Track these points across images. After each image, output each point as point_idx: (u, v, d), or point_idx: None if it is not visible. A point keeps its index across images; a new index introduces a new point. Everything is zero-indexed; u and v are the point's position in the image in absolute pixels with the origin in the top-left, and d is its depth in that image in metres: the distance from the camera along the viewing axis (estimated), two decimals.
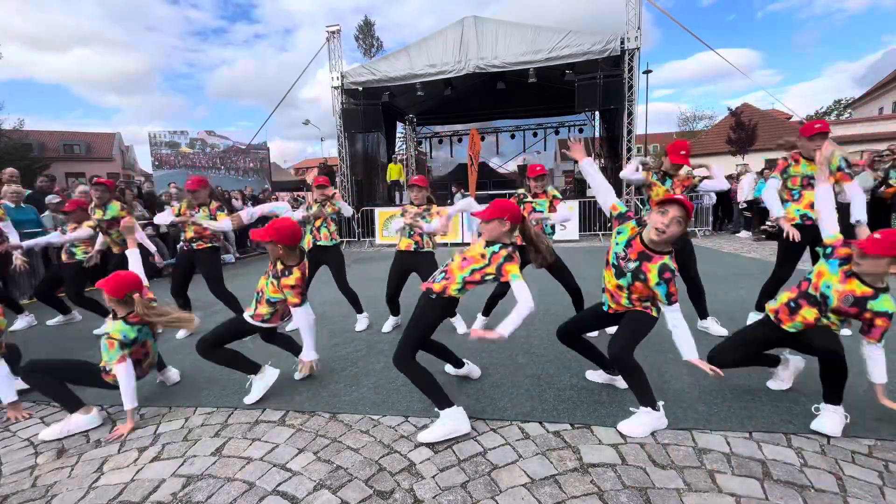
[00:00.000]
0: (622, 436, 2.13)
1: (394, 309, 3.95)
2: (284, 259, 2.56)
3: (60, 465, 2.12)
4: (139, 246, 3.11)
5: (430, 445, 2.11)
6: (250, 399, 2.63)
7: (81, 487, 1.94)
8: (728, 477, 1.81)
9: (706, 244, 8.95)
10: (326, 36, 11.80)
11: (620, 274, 2.22)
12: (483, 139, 16.12)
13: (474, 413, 2.38)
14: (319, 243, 4.00)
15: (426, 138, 18.87)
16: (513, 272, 2.11)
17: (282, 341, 2.95)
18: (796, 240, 3.09)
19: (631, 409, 2.24)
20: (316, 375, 2.92)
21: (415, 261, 3.70)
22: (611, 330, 2.75)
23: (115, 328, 2.41)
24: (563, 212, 3.56)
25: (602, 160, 14.49)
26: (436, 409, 2.23)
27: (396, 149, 16.77)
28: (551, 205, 3.59)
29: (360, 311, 4.12)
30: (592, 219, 10.41)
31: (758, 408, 2.32)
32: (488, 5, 73.59)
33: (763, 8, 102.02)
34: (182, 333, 4.04)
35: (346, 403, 2.59)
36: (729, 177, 12.50)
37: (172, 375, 2.97)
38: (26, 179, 7.93)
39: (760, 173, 10.82)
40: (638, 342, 2.24)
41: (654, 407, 2.15)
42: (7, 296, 4.61)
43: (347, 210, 4.14)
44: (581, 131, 17.00)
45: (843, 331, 2.22)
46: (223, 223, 3.88)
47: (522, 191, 3.68)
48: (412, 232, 3.66)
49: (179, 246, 4.05)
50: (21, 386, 2.83)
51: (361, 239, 11.50)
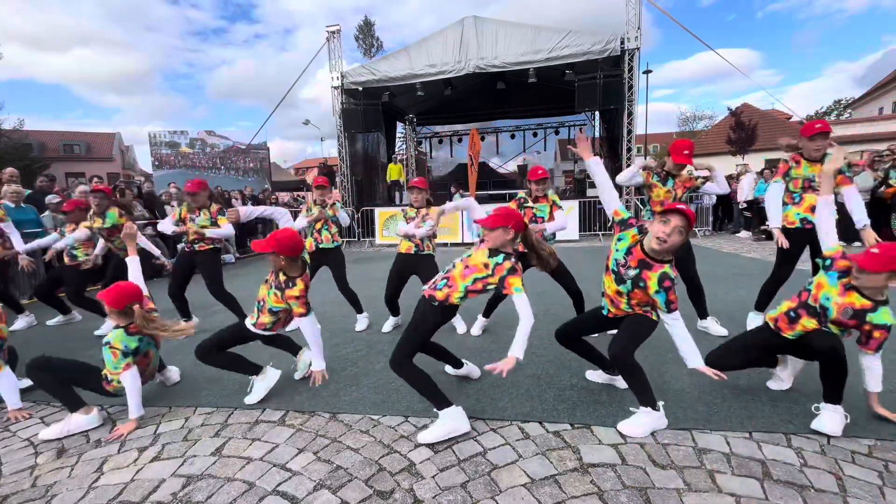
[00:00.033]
0: (622, 436, 2.13)
1: (393, 310, 3.95)
2: (287, 270, 2.52)
3: (60, 465, 2.12)
4: (141, 251, 3.12)
5: (430, 445, 2.11)
6: (251, 399, 2.63)
7: (81, 487, 1.94)
8: (728, 477, 1.81)
9: (706, 244, 8.95)
10: (326, 36, 11.81)
11: (620, 280, 2.22)
12: (483, 139, 16.12)
13: (474, 413, 2.38)
14: (322, 246, 4.01)
15: (426, 138, 18.87)
16: (515, 285, 2.10)
17: (282, 343, 2.95)
18: (785, 246, 3.15)
19: (631, 409, 2.24)
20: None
21: (415, 263, 3.70)
22: (611, 332, 2.75)
23: (116, 337, 2.40)
24: (559, 220, 3.56)
25: (602, 160, 14.49)
26: (434, 410, 2.23)
27: (396, 149, 16.77)
28: (551, 211, 3.60)
29: (360, 312, 4.12)
30: (592, 219, 10.41)
31: (758, 408, 2.32)
32: (488, 5, 73.74)
33: (763, 8, 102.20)
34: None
35: (346, 403, 2.59)
36: (729, 177, 12.50)
37: (172, 375, 2.97)
38: (26, 179, 7.93)
39: (760, 173, 10.83)
40: (638, 344, 2.24)
41: (654, 407, 2.15)
42: (8, 295, 4.61)
43: (345, 219, 4.09)
44: (581, 131, 17.02)
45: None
46: (225, 229, 3.89)
47: (523, 194, 3.66)
48: (412, 239, 3.67)
49: (181, 246, 4.04)
50: (24, 385, 2.84)
51: (361, 239, 11.50)
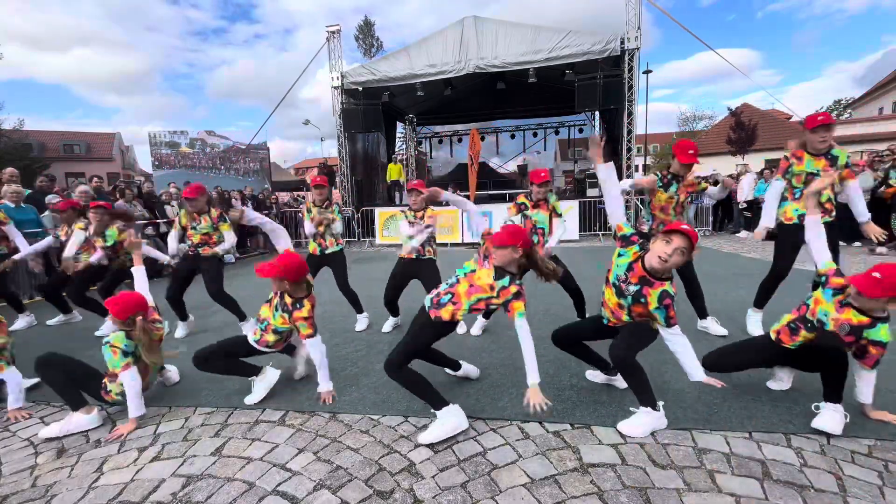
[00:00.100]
0: (622, 436, 2.13)
1: (393, 311, 3.95)
2: (292, 292, 2.56)
3: (60, 465, 2.12)
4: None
5: (430, 445, 2.11)
6: (251, 399, 2.63)
7: (81, 487, 1.94)
8: (728, 477, 1.81)
9: (706, 244, 8.95)
10: (326, 36, 11.81)
11: (621, 294, 2.24)
12: (483, 139, 16.12)
13: (474, 413, 2.38)
14: (328, 251, 4.02)
15: (426, 138, 18.88)
16: (519, 309, 2.14)
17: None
18: (758, 239, 3.25)
19: (631, 409, 2.24)
20: (316, 375, 2.92)
21: (416, 268, 3.70)
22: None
23: (116, 338, 2.42)
24: (557, 233, 3.62)
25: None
26: (432, 411, 2.23)
27: (396, 149, 16.78)
28: (550, 219, 3.60)
29: (361, 312, 4.13)
30: (592, 219, 10.40)
31: (758, 408, 2.32)
32: (488, 5, 73.75)
33: (763, 8, 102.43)
34: (181, 333, 4.06)
35: (346, 403, 2.59)
36: (728, 176, 12.52)
37: (172, 375, 2.97)
38: (26, 179, 7.93)
39: (760, 173, 10.83)
40: (639, 349, 2.23)
41: (654, 407, 2.15)
42: (10, 294, 4.63)
43: (338, 228, 4.05)
44: (581, 131, 17.00)
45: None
46: (228, 238, 3.89)
47: (523, 199, 3.64)
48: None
49: (182, 246, 4.04)
50: (28, 383, 2.84)
51: (361, 239, 11.50)
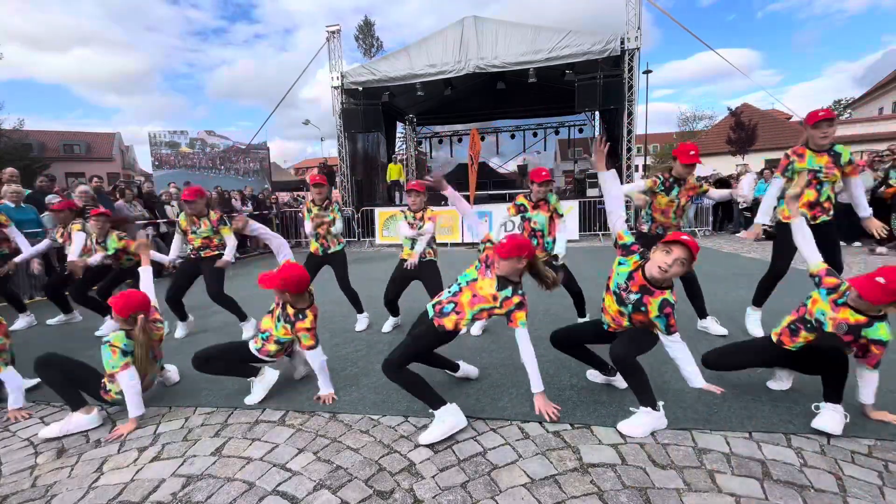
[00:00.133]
0: (622, 436, 2.13)
1: (393, 311, 3.95)
2: (294, 303, 2.57)
3: (60, 465, 2.12)
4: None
5: (430, 445, 2.11)
6: (251, 400, 2.63)
7: (81, 487, 1.94)
8: (728, 477, 1.81)
9: (706, 244, 8.94)
10: (326, 36, 11.81)
11: (621, 302, 2.25)
12: (483, 139, 16.11)
13: (474, 413, 2.38)
14: (330, 251, 4.02)
15: (426, 138, 18.87)
16: (521, 319, 2.19)
17: None
18: (749, 239, 3.22)
19: (631, 409, 2.24)
20: (316, 375, 2.92)
21: (418, 270, 3.71)
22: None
23: (116, 337, 2.42)
24: (563, 239, 3.65)
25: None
26: (430, 411, 2.24)
27: (396, 149, 16.77)
28: (551, 219, 3.60)
29: (361, 311, 4.13)
30: (592, 219, 10.39)
31: (758, 408, 2.32)
32: (488, 5, 73.88)
33: (763, 8, 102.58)
34: (181, 333, 4.06)
35: (346, 403, 2.59)
36: (729, 177, 12.51)
37: (172, 375, 2.97)
38: (26, 179, 7.93)
39: (760, 173, 10.82)
40: (639, 352, 2.23)
41: (654, 407, 2.15)
42: (11, 294, 4.64)
43: (338, 226, 4.04)
44: (581, 131, 17.00)
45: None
46: (230, 243, 3.88)
47: (523, 200, 3.63)
48: (414, 246, 3.68)
49: (184, 246, 4.05)
50: (28, 383, 2.84)
51: (361, 239, 11.50)
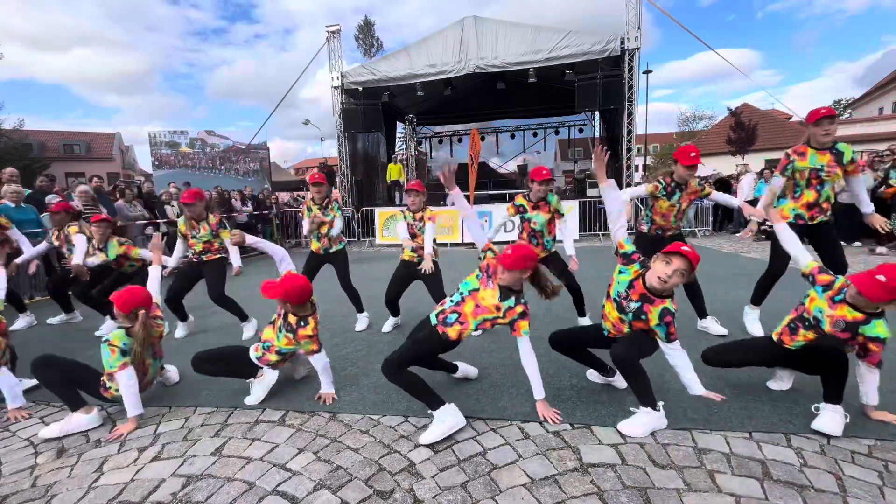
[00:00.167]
0: (622, 436, 2.13)
1: (393, 310, 3.95)
2: (295, 312, 2.58)
3: (60, 465, 2.12)
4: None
5: (430, 445, 2.11)
6: (251, 400, 2.63)
7: (81, 487, 1.94)
8: (728, 477, 1.81)
9: (706, 244, 8.95)
10: (326, 36, 11.81)
11: (622, 310, 2.26)
12: (483, 139, 16.11)
13: (474, 413, 2.38)
14: (331, 250, 4.03)
15: (426, 138, 18.87)
16: (524, 328, 2.22)
17: None
18: (746, 237, 3.25)
19: (631, 409, 2.25)
20: (316, 376, 2.92)
21: (419, 272, 3.69)
22: None
23: (116, 335, 2.41)
24: (569, 238, 3.69)
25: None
26: (429, 411, 2.24)
27: (396, 149, 16.78)
28: (550, 219, 3.60)
29: (361, 311, 4.13)
30: (592, 219, 10.40)
31: (758, 408, 2.32)
32: (488, 5, 73.90)
33: (763, 8, 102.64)
34: (181, 333, 4.06)
35: (346, 403, 2.59)
36: (729, 177, 12.51)
37: (172, 375, 2.97)
38: (26, 179, 7.92)
39: (760, 173, 10.82)
40: (640, 355, 2.23)
41: (655, 407, 2.15)
42: (12, 293, 4.64)
43: (338, 226, 4.02)
44: (581, 131, 17.00)
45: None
46: (234, 252, 3.86)
47: (522, 201, 3.62)
48: (414, 246, 3.69)
49: (186, 251, 4.06)
50: (25, 385, 2.84)
51: (361, 239, 11.49)
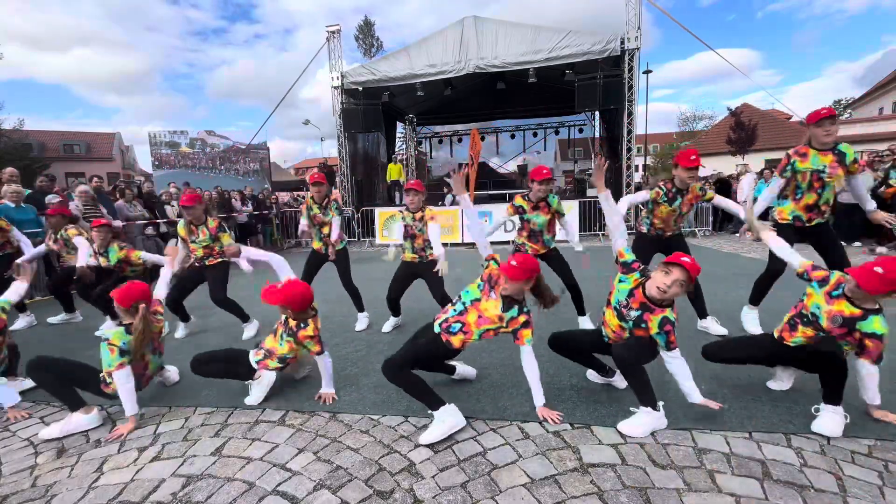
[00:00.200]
0: (622, 436, 2.13)
1: (394, 310, 3.96)
2: (296, 318, 2.58)
3: (60, 465, 2.12)
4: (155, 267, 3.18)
5: (430, 445, 2.11)
6: (251, 401, 2.63)
7: (81, 487, 1.94)
8: (728, 477, 1.81)
9: (706, 244, 8.95)
10: (326, 36, 11.80)
11: (622, 318, 2.27)
12: (483, 139, 16.11)
13: (474, 413, 2.38)
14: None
15: (426, 138, 18.87)
16: (528, 337, 2.28)
17: None
18: (746, 237, 3.26)
19: (631, 409, 2.24)
20: (316, 376, 2.93)
21: (420, 269, 3.73)
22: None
23: (116, 334, 2.41)
24: (573, 232, 3.73)
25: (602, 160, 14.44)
26: (429, 411, 2.24)
27: (396, 149, 16.77)
28: (551, 221, 3.60)
29: (362, 310, 4.14)
30: (592, 219, 10.40)
31: (758, 408, 2.32)
32: (488, 5, 73.86)
33: (763, 8, 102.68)
34: (181, 333, 4.05)
35: (346, 403, 2.59)
36: (729, 177, 12.51)
37: (172, 375, 2.96)
38: (26, 179, 7.92)
39: (760, 173, 10.82)
40: (640, 359, 2.23)
41: (655, 407, 2.15)
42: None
43: (335, 232, 4.02)
44: (581, 131, 17.01)
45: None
46: (242, 263, 3.88)
47: (521, 202, 3.60)
48: (414, 248, 3.70)
49: (183, 250, 4.05)
50: (26, 385, 2.84)
51: (361, 239, 11.49)
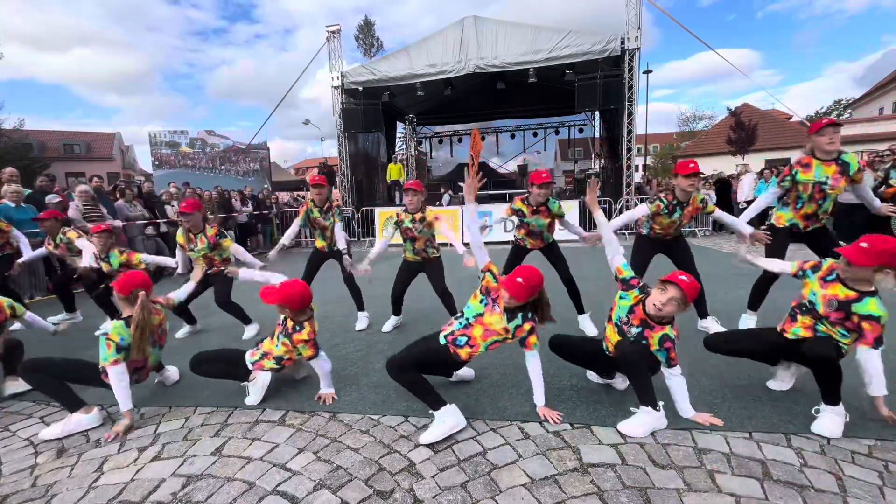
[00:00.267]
0: (622, 436, 2.13)
1: (396, 309, 3.96)
2: (294, 318, 2.58)
3: (60, 465, 2.12)
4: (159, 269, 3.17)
5: (430, 445, 2.11)
6: (251, 401, 2.62)
7: (81, 487, 1.94)
8: (728, 477, 1.81)
9: (706, 244, 8.95)
10: (326, 36, 11.81)
11: (623, 335, 2.29)
12: (483, 139, 16.11)
13: (474, 413, 2.38)
14: (336, 248, 4.03)
15: (426, 138, 18.88)
16: (534, 343, 2.30)
17: None
18: (755, 244, 3.32)
19: (631, 409, 2.24)
20: (316, 376, 2.92)
21: (422, 267, 3.79)
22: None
23: (115, 329, 2.41)
24: (579, 229, 3.75)
25: (602, 160, 14.47)
26: (430, 411, 2.25)
27: (396, 149, 16.78)
28: (551, 223, 3.59)
29: (362, 309, 4.14)
30: (592, 219, 10.39)
31: (758, 408, 2.32)
32: (488, 5, 73.87)
33: (763, 8, 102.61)
34: (182, 332, 4.05)
35: (346, 403, 2.59)
36: (729, 176, 12.50)
37: (172, 375, 2.96)
38: (26, 179, 7.91)
39: (760, 173, 10.81)
40: (643, 364, 2.23)
41: (655, 407, 2.15)
42: (13, 293, 4.65)
43: (340, 241, 3.97)
44: (581, 131, 17.02)
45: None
46: (247, 258, 3.92)
47: (520, 205, 3.58)
48: (415, 249, 3.71)
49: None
50: (23, 387, 2.83)
51: (361, 239, 11.49)
